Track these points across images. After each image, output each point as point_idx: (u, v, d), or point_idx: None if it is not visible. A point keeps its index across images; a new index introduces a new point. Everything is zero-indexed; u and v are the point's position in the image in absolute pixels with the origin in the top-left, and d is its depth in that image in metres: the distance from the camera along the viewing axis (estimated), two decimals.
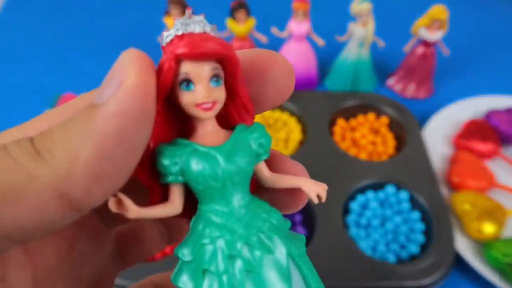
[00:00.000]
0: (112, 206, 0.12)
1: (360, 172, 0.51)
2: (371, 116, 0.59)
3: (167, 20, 0.60)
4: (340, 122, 0.59)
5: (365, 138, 0.58)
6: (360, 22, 0.59)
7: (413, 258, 0.46)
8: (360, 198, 0.49)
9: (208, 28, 0.12)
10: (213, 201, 0.13)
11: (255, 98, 0.14)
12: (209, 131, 0.13)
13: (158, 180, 0.13)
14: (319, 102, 0.60)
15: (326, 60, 0.69)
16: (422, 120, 0.61)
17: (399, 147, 0.57)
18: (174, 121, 0.13)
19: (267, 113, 0.59)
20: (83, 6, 0.84)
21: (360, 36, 0.60)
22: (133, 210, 0.12)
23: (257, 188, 0.14)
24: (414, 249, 0.46)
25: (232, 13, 0.59)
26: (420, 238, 0.46)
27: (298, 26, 0.60)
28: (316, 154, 0.53)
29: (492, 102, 0.61)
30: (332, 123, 0.59)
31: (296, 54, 0.63)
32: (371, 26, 0.59)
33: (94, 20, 0.80)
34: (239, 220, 0.12)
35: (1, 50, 0.74)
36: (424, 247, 0.46)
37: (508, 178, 0.53)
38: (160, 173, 0.13)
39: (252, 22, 0.60)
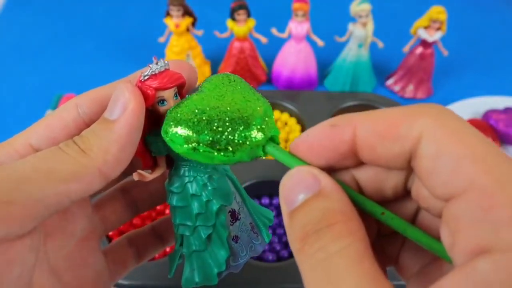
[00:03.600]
0: (136, 177, 0.21)
1: None
2: None
3: (168, 21, 0.61)
4: None
5: None
6: (360, 22, 0.59)
7: None
8: None
9: (167, 66, 0.20)
10: (186, 159, 0.21)
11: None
12: None
13: (149, 155, 0.22)
14: (319, 102, 0.60)
15: (325, 60, 0.69)
16: None
17: None
18: (148, 119, 0.21)
19: None
20: (83, 6, 0.84)
21: (360, 36, 0.60)
22: (147, 176, 0.21)
23: None
24: None
25: (232, 14, 0.59)
26: None
27: (298, 26, 0.60)
28: None
29: (490, 103, 0.62)
30: None
31: (296, 54, 0.63)
32: (370, 26, 0.60)
33: (95, 21, 0.81)
34: (201, 165, 0.21)
35: (1, 50, 0.74)
36: None
37: None
38: (155, 152, 0.21)
39: (252, 22, 0.60)
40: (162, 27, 0.63)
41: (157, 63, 0.20)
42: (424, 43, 0.62)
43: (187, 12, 0.61)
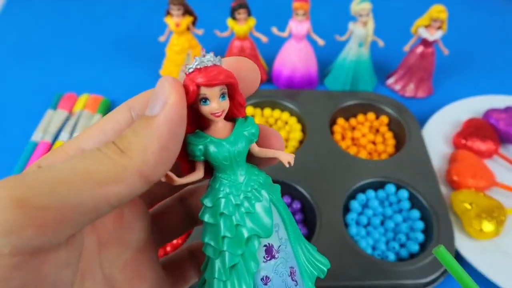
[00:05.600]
0: (163, 178, 0.18)
1: (360, 171, 0.51)
2: (371, 115, 0.60)
3: (168, 20, 0.61)
4: (340, 122, 0.59)
5: (365, 137, 0.58)
6: (360, 21, 0.59)
7: (412, 256, 0.46)
8: (360, 196, 0.50)
9: (217, 61, 0.18)
10: (224, 171, 0.19)
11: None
12: (219, 127, 0.19)
13: (187, 158, 0.19)
14: (319, 101, 0.60)
15: (326, 59, 0.69)
16: (422, 120, 0.61)
17: (399, 146, 0.57)
18: (194, 118, 0.19)
19: (267, 113, 0.59)
20: (83, 6, 0.84)
21: (360, 35, 0.60)
22: (176, 180, 0.18)
23: (250, 156, 0.21)
24: (414, 247, 0.46)
25: (232, 13, 0.59)
26: (420, 236, 0.47)
27: (298, 25, 0.60)
28: (317, 153, 0.53)
29: (491, 102, 0.62)
30: (332, 122, 0.59)
31: (296, 53, 0.63)
32: (371, 25, 0.60)
33: (95, 20, 0.81)
34: (240, 183, 0.19)
35: (1, 50, 0.74)
36: (423, 246, 0.46)
37: (507, 177, 0.53)
38: (190, 155, 0.19)
39: (252, 22, 0.60)
40: (162, 26, 0.63)
41: (204, 56, 0.18)
42: (424, 42, 0.62)
43: (187, 11, 0.61)
